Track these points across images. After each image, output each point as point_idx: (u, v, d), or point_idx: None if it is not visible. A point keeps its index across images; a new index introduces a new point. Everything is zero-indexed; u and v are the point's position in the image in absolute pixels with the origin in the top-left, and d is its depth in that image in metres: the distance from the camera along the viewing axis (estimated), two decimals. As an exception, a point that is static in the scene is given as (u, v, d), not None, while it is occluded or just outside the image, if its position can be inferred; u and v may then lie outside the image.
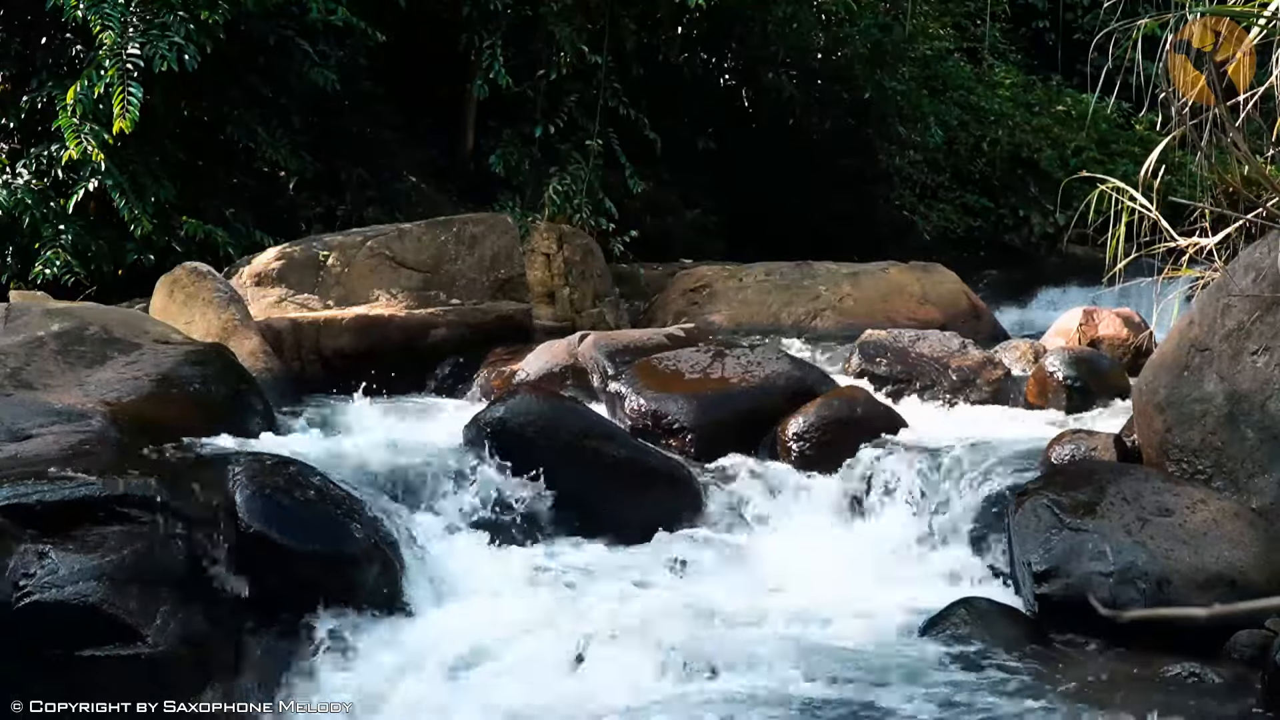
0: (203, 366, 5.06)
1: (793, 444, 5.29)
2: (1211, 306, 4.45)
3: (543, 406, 4.92)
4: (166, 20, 7.36)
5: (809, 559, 4.60)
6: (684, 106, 11.52)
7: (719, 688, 3.54)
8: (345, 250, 7.24)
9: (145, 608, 3.37)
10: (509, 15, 9.40)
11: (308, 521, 3.88)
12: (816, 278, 9.05)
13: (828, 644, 3.84)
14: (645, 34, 11.13)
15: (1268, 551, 3.94)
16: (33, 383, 4.67)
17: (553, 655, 3.70)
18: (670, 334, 6.46)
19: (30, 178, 7.67)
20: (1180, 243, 5.09)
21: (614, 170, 10.11)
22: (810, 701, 3.45)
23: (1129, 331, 6.71)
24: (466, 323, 6.92)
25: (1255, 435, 4.21)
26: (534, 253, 8.47)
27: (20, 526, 3.44)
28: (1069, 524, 4.05)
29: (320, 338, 6.62)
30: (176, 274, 6.53)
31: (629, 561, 4.56)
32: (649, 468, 4.94)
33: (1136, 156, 11.13)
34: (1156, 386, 4.54)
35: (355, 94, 9.38)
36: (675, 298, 9.07)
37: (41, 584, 3.31)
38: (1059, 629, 3.93)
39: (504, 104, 9.82)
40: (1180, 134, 4.55)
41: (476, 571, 4.26)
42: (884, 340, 6.43)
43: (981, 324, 8.82)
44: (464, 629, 3.86)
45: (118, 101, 7.09)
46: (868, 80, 11.81)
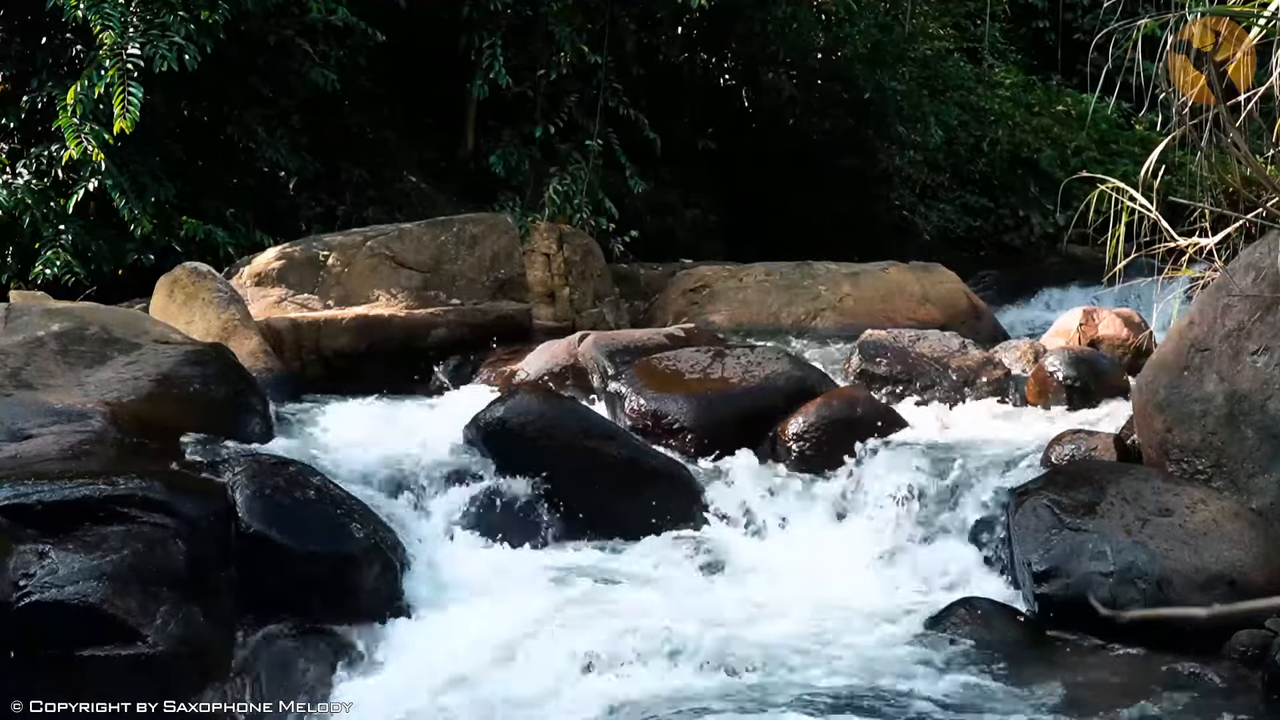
0: (203, 366, 5.06)
1: (793, 444, 5.29)
2: (1211, 306, 4.45)
3: (543, 406, 4.92)
4: (166, 20, 7.35)
5: (809, 559, 4.61)
6: (684, 106, 11.51)
7: (718, 687, 3.54)
8: (345, 250, 7.24)
9: (145, 608, 3.37)
10: (509, 15, 9.39)
11: (308, 521, 3.88)
12: (816, 278, 9.05)
13: (828, 643, 3.84)
14: (645, 34, 11.12)
15: (1268, 551, 3.95)
16: (33, 383, 4.67)
17: (553, 654, 3.70)
18: (670, 334, 6.46)
19: (30, 178, 7.67)
20: (1180, 243, 5.09)
21: (614, 170, 10.10)
22: (810, 701, 3.44)
23: (1129, 331, 6.71)
24: (466, 323, 6.92)
25: (1255, 435, 4.21)
26: (534, 253, 8.46)
27: (20, 526, 3.44)
28: (1069, 524, 4.05)
29: (320, 338, 6.62)
30: (176, 274, 6.53)
31: (629, 561, 4.56)
32: (649, 468, 4.94)
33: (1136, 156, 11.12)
34: (1156, 386, 4.54)
35: (355, 94, 9.37)
36: (675, 298, 9.07)
37: (41, 584, 3.31)
38: (1059, 629, 3.93)
39: (504, 104, 9.81)
40: (1180, 134, 4.55)
41: (476, 571, 4.27)
42: (884, 340, 6.43)
43: (981, 324, 8.82)
44: (464, 629, 3.87)
45: (118, 101, 7.08)
46: (868, 80, 11.80)
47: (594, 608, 4.04)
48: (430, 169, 10.14)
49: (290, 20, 8.30)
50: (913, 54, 13.13)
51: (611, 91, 10.05)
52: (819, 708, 3.40)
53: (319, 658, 3.66)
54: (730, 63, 12.17)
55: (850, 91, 12.02)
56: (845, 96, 12.11)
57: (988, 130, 14.32)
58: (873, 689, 3.52)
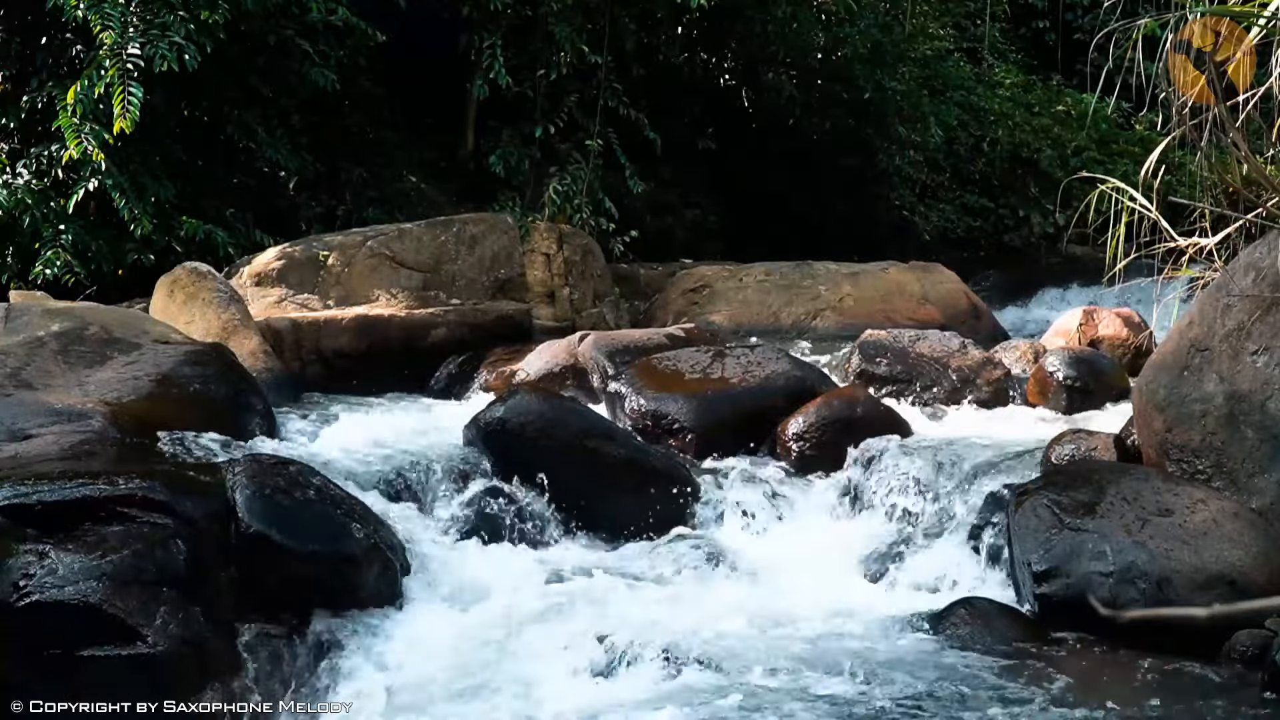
0: (203, 366, 5.06)
1: (792, 444, 5.29)
2: (1211, 306, 4.44)
3: (543, 406, 4.92)
4: (167, 20, 7.36)
5: (808, 558, 4.61)
6: (684, 106, 11.51)
7: (718, 686, 3.54)
8: (345, 250, 7.24)
9: (145, 608, 3.37)
10: (509, 15, 9.40)
11: (308, 521, 3.88)
12: (816, 278, 9.05)
13: (827, 643, 3.84)
14: (645, 34, 11.12)
15: (1268, 551, 3.94)
16: (33, 383, 4.67)
17: (553, 654, 3.70)
18: (670, 334, 6.46)
19: (30, 178, 7.67)
20: (1180, 243, 5.09)
21: (614, 170, 10.10)
22: (811, 700, 3.44)
23: (1129, 331, 6.71)
24: (466, 323, 6.93)
25: (1255, 435, 4.21)
26: (534, 253, 8.46)
27: (20, 526, 3.44)
28: (1069, 524, 4.05)
29: (320, 338, 6.62)
30: (176, 274, 6.53)
31: (629, 561, 4.56)
32: (649, 468, 4.94)
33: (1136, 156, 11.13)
34: (1156, 386, 4.54)
35: (355, 94, 9.38)
36: (675, 298, 9.07)
37: (41, 584, 3.31)
38: (1059, 629, 3.93)
39: (504, 104, 9.82)
40: (1180, 134, 4.55)
41: (476, 571, 4.27)
42: (884, 340, 6.43)
43: (981, 324, 8.82)
44: (464, 629, 3.87)
45: (118, 101, 7.09)
46: (868, 80, 11.80)
47: (593, 608, 4.03)
48: (430, 169, 10.15)
49: (290, 20, 8.30)
50: (913, 54, 13.14)
51: (611, 91, 10.05)
52: (819, 708, 3.40)
53: (319, 658, 3.66)
54: (730, 63, 12.17)
55: (850, 91, 12.03)
56: (845, 96, 12.11)
57: (988, 130, 14.32)
58: (872, 689, 3.52)
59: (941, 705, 3.43)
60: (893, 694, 3.49)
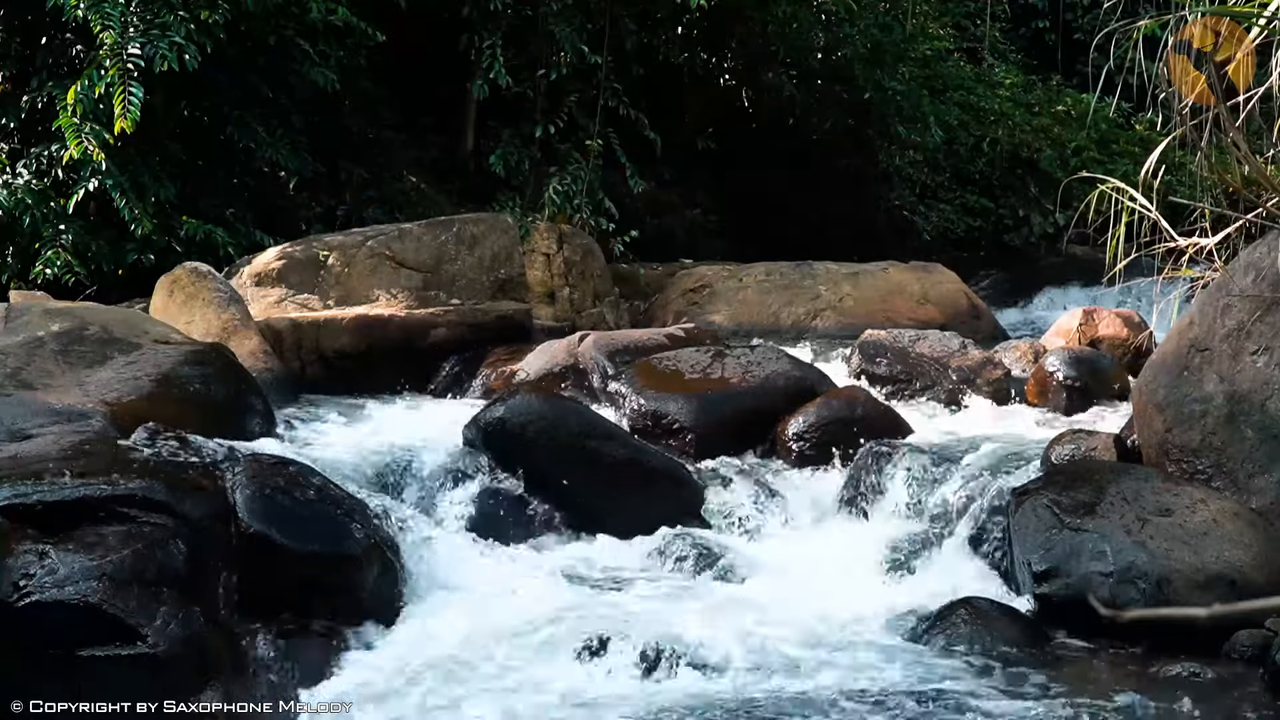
0: (203, 366, 5.06)
1: (792, 444, 5.29)
2: (1211, 306, 4.45)
3: (543, 406, 4.93)
4: (167, 20, 7.35)
5: (808, 558, 4.61)
6: (684, 106, 11.51)
7: (718, 686, 3.54)
8: (345, 250, 7.24)
9: (145, 608, 3.37)
10: (509, 15, 9.39)
11: (308, 521, 3.88)
12: (816, 278, 9.05)
13: (827, 643, 3.84)
14: (645, 34, 11.11)
15: (1268, 551, 3.94)
16: (33, 383, 4.68)
17: (552, 654, 3.70)
18: (670, 334, 6.46)
19: (30, 178, 7.67)
20: (1180, 243, 5.09)
21: (614, 170, 10.10)
22: (810, 701, 3.44)
23: (1129, 331, 6.72)
24: (466, 323, 6.92)
25: (1255, 435, 4.21)
26: (534, 253, 8.46)
27: (20, 526, 3.44)
28: (1069, 524, 4.05)
29: (320, 338, 6.62)
30: (176, 274, 6.53)
31: (629, 561, 4.56)
32: (649, 468, 4.94)
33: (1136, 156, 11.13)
34: (1156, 386, 4.54)
35: (355, 94, 9.38)
36: (675, 298, 9.08)
37: (41, 584, 3.31)
38: (1059, 629, 3.93)
39: (504, 104, 9.82)
40: (1180, 134, 4.55)
41: (476, 571, 4.26)
42: (884, 340, 6.43)
43: (981, 324, 8.82)
44: (463, 628, 3.87)
45: (118, 101, 7.08)
46: (868, 80, 11.80)
47: (593, 607, 4.04)
48: (430, 169, 10.14)
49: (290, 20, 8.30)
50: (913, 54, 13.13)
51: (611, 91, 10.05)
52: (818, 708, 3.40)
53: (319, 657, 3.66)
54: (730, 63, 12.17)
55: (850, 91, 12.02)
56: (845, 96, 12.11)
57: (988, 130, 14.32)
58: (872, 689, 3.52)
59: (941, 705, 3.43)
60: (892, 694, 3.49)
